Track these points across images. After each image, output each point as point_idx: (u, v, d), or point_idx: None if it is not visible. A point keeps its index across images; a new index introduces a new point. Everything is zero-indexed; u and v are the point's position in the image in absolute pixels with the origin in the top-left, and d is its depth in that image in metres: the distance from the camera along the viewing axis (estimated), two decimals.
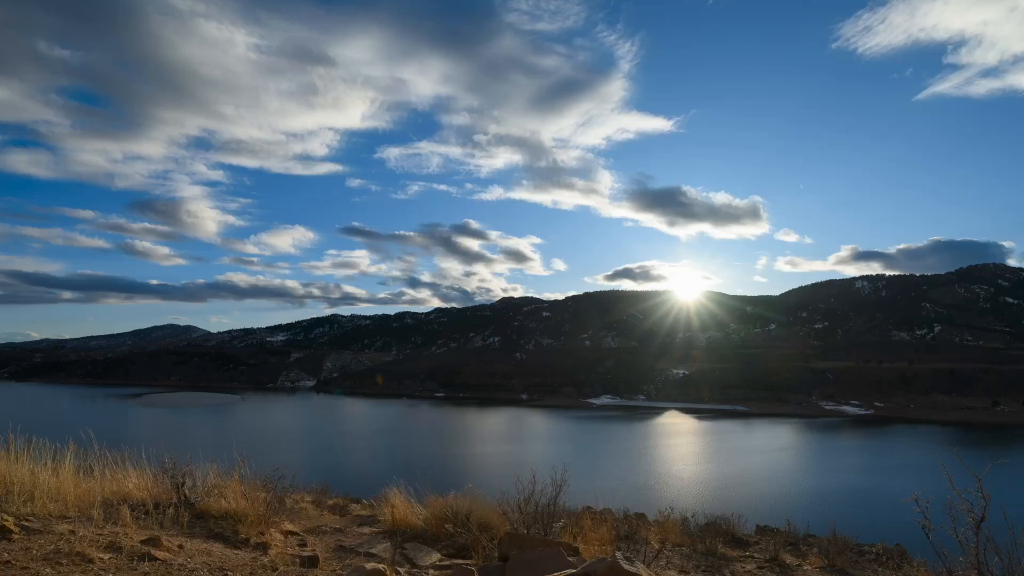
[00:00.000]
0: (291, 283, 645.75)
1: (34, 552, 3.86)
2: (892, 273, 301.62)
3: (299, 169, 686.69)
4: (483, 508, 6.66)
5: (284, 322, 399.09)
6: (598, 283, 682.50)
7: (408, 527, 6.89)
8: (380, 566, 4.53)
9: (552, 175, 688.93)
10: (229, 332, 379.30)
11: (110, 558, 3.96)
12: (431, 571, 5.15)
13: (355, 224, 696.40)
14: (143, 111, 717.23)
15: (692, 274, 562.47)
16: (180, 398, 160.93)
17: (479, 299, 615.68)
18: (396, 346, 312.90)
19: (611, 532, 7.30)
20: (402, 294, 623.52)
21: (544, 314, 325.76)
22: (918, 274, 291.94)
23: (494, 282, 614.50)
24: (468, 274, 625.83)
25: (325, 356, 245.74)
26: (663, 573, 6.73)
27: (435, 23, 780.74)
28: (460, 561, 5.55)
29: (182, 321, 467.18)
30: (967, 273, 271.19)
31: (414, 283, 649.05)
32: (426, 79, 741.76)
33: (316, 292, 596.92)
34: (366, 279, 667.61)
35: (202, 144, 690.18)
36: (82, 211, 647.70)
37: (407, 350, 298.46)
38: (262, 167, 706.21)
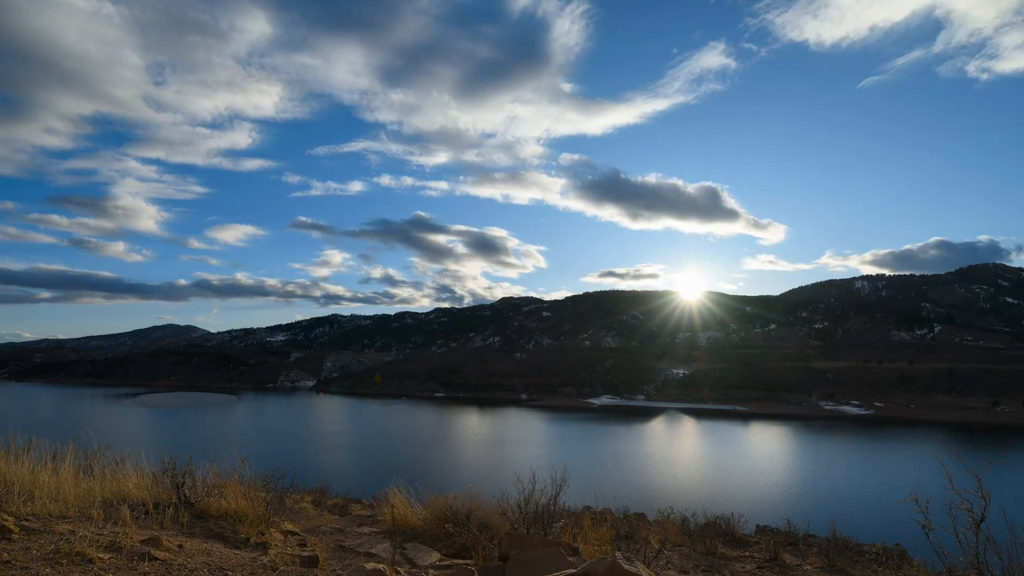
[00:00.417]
0: (271, 281, 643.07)
1: (34, 552, 3.86)
2: (892, 273, 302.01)
3: (227, 164, 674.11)
4: (483, 508, 6.66)
5: (284, 322, 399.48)
6: (589, 281, 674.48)
7: (408, 527, 6.89)
8: (380, 566, 4.53)
9: (488, 169, 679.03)
10: (229, 332, 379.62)
11: (110, 558, 3.96)
12: (431, 571, 5.15)
13: (304, 219, 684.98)
14: (22, 93, 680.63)
15: (657, 268, 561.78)
16: (175, 398, 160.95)
17: (458, 293, 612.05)
18: (396, 346, 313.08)
19: (611, 532, 7.30)
20: (387, 293, 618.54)
21: (544, 314, 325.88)
22: (918, 274, 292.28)
23: (474, 279, 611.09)
24: (442, 271, 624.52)
25: (325, 356, 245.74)
26: (663, 573, 6.73)
27: (339, 6, 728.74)
28: (460, 561, 5.55)
29: (182, 321, 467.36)
30: (967, 273, 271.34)
31: (392, 281, 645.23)
32: (340, 68, 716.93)
33: (297, 291, 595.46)
34: (345, 277, 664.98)
35: (115, 137, 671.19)
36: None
37: (407, 350, 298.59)
38: (188, 162, 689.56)
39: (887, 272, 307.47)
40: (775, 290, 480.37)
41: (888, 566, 9.12)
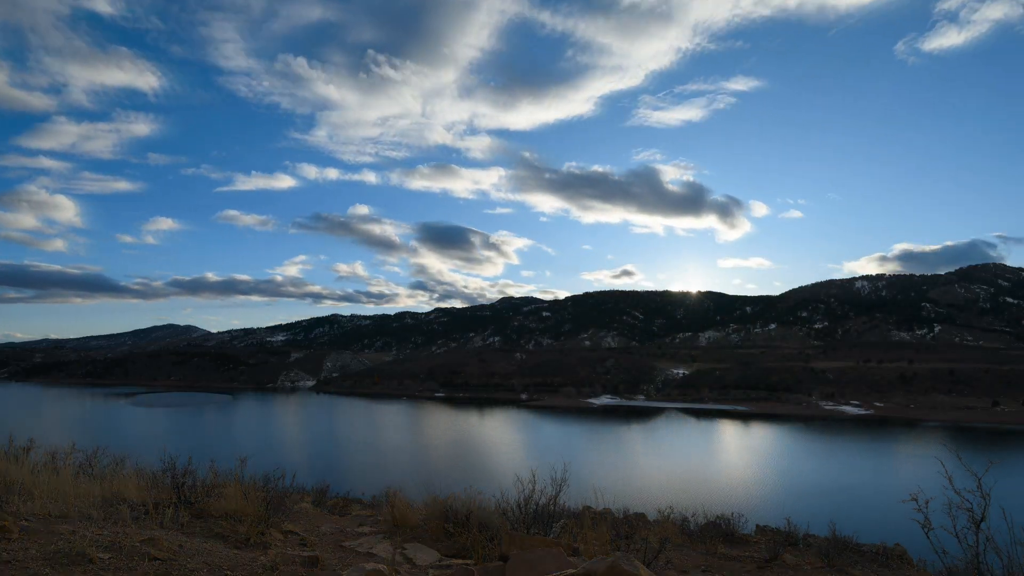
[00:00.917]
0: (241, 277, 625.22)
1: (34, 552, 3.87)
2: (892, 273, 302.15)
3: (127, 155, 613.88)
4: (483, 508, 6.67)
5: (284, 322, 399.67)
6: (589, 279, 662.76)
7: (408, 527, 6.90)
8: (380, 566, 4.54)
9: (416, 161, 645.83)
10: (229, 332, 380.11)
11: (110, 558, 3.96)
12: (431, 571, 5.15)
13: (234, 212, 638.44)
14: None
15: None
16: (171, 398, 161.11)
17: (440, 289, 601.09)
18: (396, 346, 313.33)
19: (611, 532, 7.30)
20: (365, 292, 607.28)
21: (544, 314, 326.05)
22: (918, 274, 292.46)
23: (440, 274, 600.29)
24: (412, 266, 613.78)
25: (325, 356, 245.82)
26: (663, 573, 6.73)
27: None
28: (460, 561, 5.55)
29: (181, 321, 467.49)
30: (967, 273, 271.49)
31: (355, 279, 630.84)
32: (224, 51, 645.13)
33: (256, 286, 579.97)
34: (314, 274, 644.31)
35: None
36: None
37: (407, 350, 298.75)
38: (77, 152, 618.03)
39: (887, 272, 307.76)
40: (775, 290, 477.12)
41: (888, 566, 9.13)
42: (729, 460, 71.67)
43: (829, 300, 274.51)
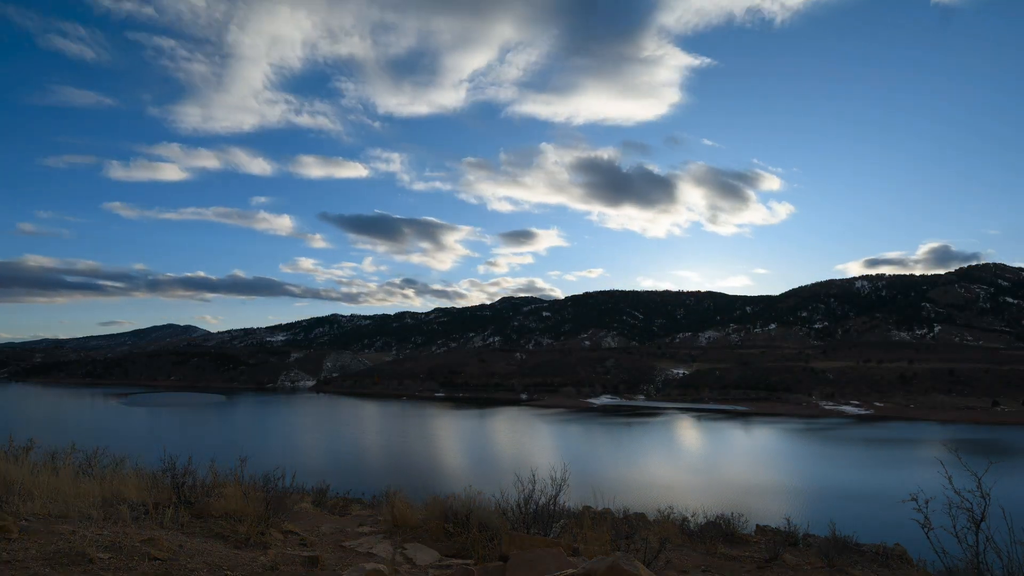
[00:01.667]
0: (201, 273, 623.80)
1: (34, 552, 3.86)
2: (892, 273, 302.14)
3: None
4: (483, 508, 6.67)
5: (284, 322, 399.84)
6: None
7: (408, 527, 6.90)
8: (380, 566, 4.54)
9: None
10: (229, 332, 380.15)
11: (110, 558, 3.96)
12: (431, 571, 5.15)
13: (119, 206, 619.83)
14: None
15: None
16: (163, 398, 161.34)
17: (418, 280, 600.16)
18: (396, 346, 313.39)
19: (611, 532, 7.30)
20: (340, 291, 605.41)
21: (544, 314, 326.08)
22: (918, 274, 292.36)
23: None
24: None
25: (325, 356, 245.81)
26: (663, 573, 6.74)
27: None
28: (460, 561, 5.55)
29: (182, 321, 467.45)
30: (967, 273, 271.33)
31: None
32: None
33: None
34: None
35: None
36: None
37: (407, 350, 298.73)
38: None
39: (887, 272, 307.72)
40: (775, 290, 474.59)
41: (888, 566, 9.13)
42: (729, 460, 71.66)
43: (829, 300, 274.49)
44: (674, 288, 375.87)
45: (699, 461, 69.80)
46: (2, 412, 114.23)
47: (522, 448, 78.70)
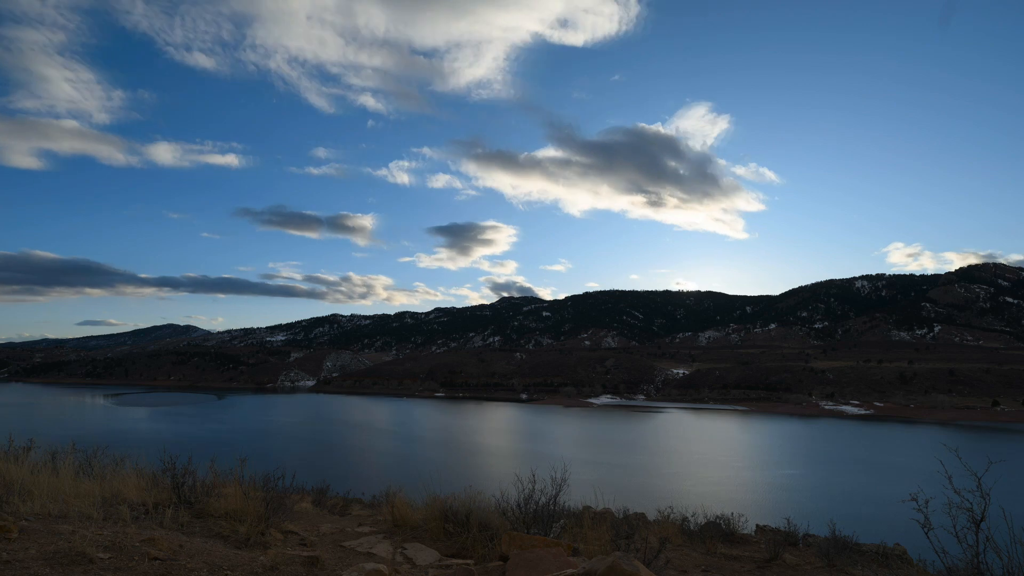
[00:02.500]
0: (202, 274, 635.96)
1: (34, 552, 3.86)
2: (892, 273, 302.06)
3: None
4: (483, 508, 6.66)
5: (284, 322, 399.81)
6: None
7: (408, 527, 6.90)
8: (380, 566, 4.54)
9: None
10: (229, 332, 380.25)
11: (110, 558, 3.96)
12: (431, 571, 5.15)
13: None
14: None
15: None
16: (165, 398, 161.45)
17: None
18: (396, 346, 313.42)
19: (611, 532, 7.30)
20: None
21: (544, 314, 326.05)
22: (918, 274, 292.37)
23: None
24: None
25: (325, 356, 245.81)
26: (663, 573, 6.73)
27: None
28: (460, 561, 5.55)
29: (182, 321, 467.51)
30: (967, 273, 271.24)
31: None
32: None
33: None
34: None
35: None
36: None
37: (407, 350, 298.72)
38: None
39: (885, 272, 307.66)
40: (775, 290, 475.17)
41: (888, 566, 9.12)
42: (729, 460, 71.64)
43: (829, 300, 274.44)
44: (675, 287, 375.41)
45: (699, 461, 69.81)
46: (2, 412, 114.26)
47: (522, 448, 78.71)
